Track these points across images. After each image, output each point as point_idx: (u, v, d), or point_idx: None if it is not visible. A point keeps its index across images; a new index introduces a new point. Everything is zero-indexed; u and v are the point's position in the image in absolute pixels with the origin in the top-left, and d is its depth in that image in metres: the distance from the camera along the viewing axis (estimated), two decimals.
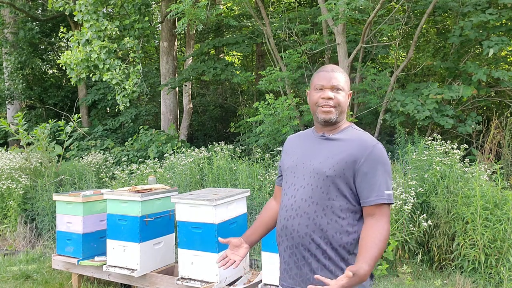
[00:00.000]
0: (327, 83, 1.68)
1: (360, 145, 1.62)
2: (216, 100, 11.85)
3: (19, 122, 6.28)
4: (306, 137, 1.81)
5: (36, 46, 12.25)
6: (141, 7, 7.27)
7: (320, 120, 1.70)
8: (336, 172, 1.60)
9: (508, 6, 5.90)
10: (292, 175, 1.72)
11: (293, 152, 1.79)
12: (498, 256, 3.61)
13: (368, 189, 1.57)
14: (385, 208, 1.57)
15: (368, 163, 1.58)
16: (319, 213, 1.61)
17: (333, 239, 1.59)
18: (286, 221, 1.67)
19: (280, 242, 1.71)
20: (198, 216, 3.23)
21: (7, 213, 5.93)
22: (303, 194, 1.65)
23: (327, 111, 1.67)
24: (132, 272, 3.53)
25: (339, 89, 1.68)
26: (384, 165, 1.60)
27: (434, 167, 4.23)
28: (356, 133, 1.69)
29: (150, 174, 5.48)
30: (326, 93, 1.67)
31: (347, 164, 1.60)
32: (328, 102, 1.67)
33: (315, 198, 1.62)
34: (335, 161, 1.62)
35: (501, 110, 6.71)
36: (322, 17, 6.13)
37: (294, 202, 1.66)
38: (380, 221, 1.55)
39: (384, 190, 1.57)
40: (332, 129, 1.72)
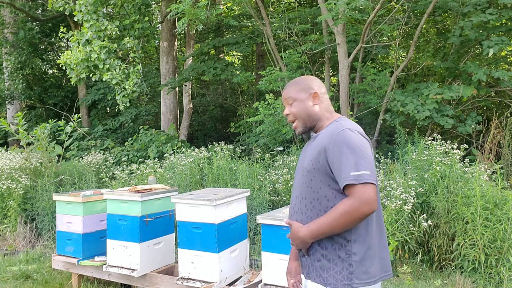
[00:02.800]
0: (283, 101, 1.85)
1: (328, 135, 1.70)
2: (216, 100, 11.85)
3: (19, 122, 6.28)
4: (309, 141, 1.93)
5: (36, 46, 12.25)
6: (141, 7, 7.27)
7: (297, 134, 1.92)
8: (314, 165, 1.69)
9: (508, 6, 5.90)
10: (295, 177, 1.88)
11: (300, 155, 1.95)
12: (498, 256, 3.61)
13: (337, 174, 1.62)
14: (357, 187, 1.56)
15: (334, 149, 1.63)
16: (309, 207, 1.71)
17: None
18: (290, 216, 1.84)
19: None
20: (198, 216, 3.23)
21: (7, 213, 5.93)
22: (296, 192, 1.80)
23: (293, 127, 1.84)
24: (132, 272, 3.53)
25: (291, 102, 1.82)
26: (350, 147, 1.61)
27: (434, 167, 4.23)
28: (332, 127, 1.74)
29: (150, 174, 5.48)
30: (284, 111, 1.86)
31: (320, 155, 1.68)
32: (288, 118, 1.85)
33: (304, 194, 1.73)
34: (312, 155, 1.72)
35: (501, 110, 6.71)
36: (322, 17, 6.13)
37: (292, 201, 1.82)
38: (346, 200, 1.59)
39: (350, 171, 1.57)
40: (316, 130, 1.84)
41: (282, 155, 5.82)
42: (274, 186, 4.83)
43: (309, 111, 1.80)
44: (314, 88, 1.82)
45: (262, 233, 3.09)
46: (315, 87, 1.82)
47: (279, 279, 2.95)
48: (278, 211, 3.20)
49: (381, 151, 6.33)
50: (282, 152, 6.18)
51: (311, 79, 1.86)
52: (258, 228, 4.57)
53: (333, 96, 7.36)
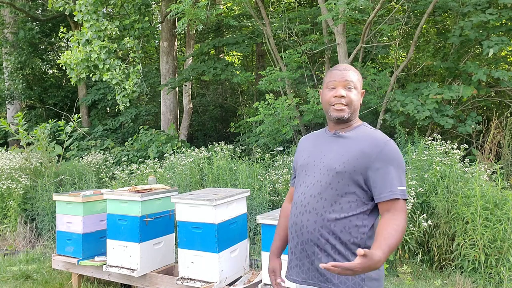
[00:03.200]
0: (340, 81, 1.69)
1: (371, 142, 1.63)
2: (216, 100, 11.85)
3: (19, 122, 6.28)
4: (319, 136, 1.84)
5: (36, 46, 12.24)
6: (141, 7, 7.27)
7: (333, 118, 1.71)
8: (346, 168, 1.62)
9: (508, 6, 5.90)
10: (304, 173, 1.76)
11: (305, 150, 1.82)
12: (498, 256, 3.61)
13: (381, 185, 1.58)
14: (400, 203, 1.57)
15: (380, 159, 1.59)
16: (327, 209, 1.62)
17: (342, 234, 1.61)
18: (296, 217, 1.71)
19: (291, 238, 1.75)
20: (198, 216, 3.23)
21: (7, 213, 5.93)
22: (312, 190, 1.67)
23: (340, 109, 1.68)
24: (132, 272, 3.53)
25: (351, 87, 1.69)
26: (397, 161, 1.61)
27: (434, 167, 4.22)
28: (368, 131, 1.71)
29: (150, 174, 5.48)
30: (338, 91, 1.68)
31: (358, 161, 1.61)
32: (341, 100, 1.68)
33: (324, 194, 1.64)
34: (346, 157, 1.63)
35: (501, 110, 6.70)
36: (322, 17, 6.13)
37: (304, 199, 1.69)
38: (396, 215, 1.55)
39: (397, 185, 1.57)
40: (344, 127, 1.74)
41: (282, 155, 5.82)
42: (274, 186, 4.83)
43: (358, 105, 1.74)
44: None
45: (262, 233, 3.09)
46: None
47: None
48: (278, 211, 3.20)
49: None
50: (282, 152, 6.18)
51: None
52: (258, 228, 4.57)
53: None
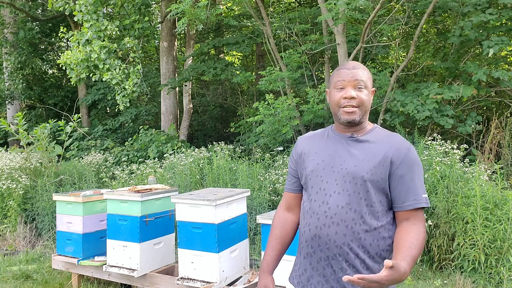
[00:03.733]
0: (349, 80, 1.56)
1: (395, 147, 1.53)
2: (216, 100, 11.85)
3: (19, 122, 6.28)
4: (327, 137, 1.67)
5: (36, 46, 12.25)
6: (141, 7, 7.27)
7: (343, 121, 1.58)
8: (374, 176, 1.51)
9: (508, 6, 5.90)
10: (319, 179, 1.58)
11: (315, 153, 1.64)
12: (498, 256, 3.61)
13: (405, 193, 1.50)
14: (421, 211, 1.51)
15: (404, 165, 1.51)
16: (357, 221, 1.50)
17: (371, 247, 1.50)
18: (319, 230, 1.54)
19: (311, 253, 1.57)
20: (198, 216, 3.23)
21: (7, 213, 5.93)
22: (338, 200, 1.52)
23: (351, 111, 1.55)
24: (132, 272, 3.53)
25: (362, 87, 1.56)
26: (419, 167, 1.54)
27: (434, 167, 4.23)
28: (386, 134, 1.60)
29: (150, 174, 5.48)
30: (348, 92, 1.55)
31: (384, 167, 1.51)
32: (351, 102, 1.55)
33: (353, 205, 1.50)
34: (372, 164, 1.52)
35: (501, 110, 6.71)
36: (322, 17, 6.13)
37: (328, 209, 1.53)
38: (416, 225, 1.48)
39: (422, 193, 1.50)
40: (357, 130, 1.61)
41: (282, 155, 5.82)
42: (274, 186, 4.83)
43: (369, 106, 1.60)
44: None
45: (262, 233, 3.09)
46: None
47: (279, 279, 2.95)
48: None
49: None
50: (282, 152, 6.18)
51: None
52: (258, 228, 4.57)
53: None
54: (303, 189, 1.69)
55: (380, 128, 1.65)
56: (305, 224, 1.60)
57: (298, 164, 1.71)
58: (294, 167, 1.74)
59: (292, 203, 1.77)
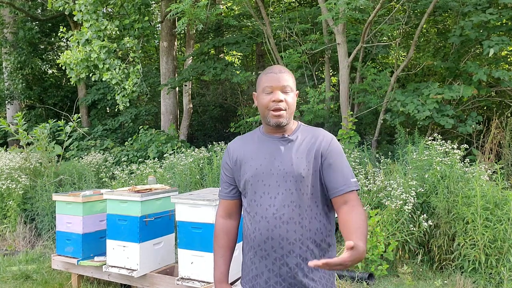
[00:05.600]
0: (277, 84, 1.64)
1: (320, 139, 1.66)
2: (216, 100, 11.85)
3: (19, 122, 6.27)
4: (258, 141, 1.73)
5: (36, 46, 12.24)
6: (141, 7, 7.27)
7: (272, 124, 1.66)
8: (310, 170, 1.61)
9: (508, 6, 5.89)
10: (261, 184, 1.64)
11: (252, 159, 1.70)
12: (499, 256, 3.61)
13: (336, 180, 1.60)
14: (355, 194, 1.61)
15: (331, 155, 1.63)
16: (303, 215, 1.60)
17: (317, 236, 1.61)
18: (270, 232, 1.59)
19: (265, 256, 1.62)
20: (198, 216, 3.23)
21: (7, 213, 5.93)
22: (283, 200, 1.60)
23: (278, 115, 1.63)
24: (132, 272, 3.53)
25: (288, 91, 1.65)
26: (343, 154, 1.68)
27: (435, 167, 4.22)
28: (310, 130, 1.73)
29: (150, 174, 5.47)
30: (276, 95, 1.63)
31: (316, 160, 1.63)
32: (279, 105, 1.63)
33: (298, 201, 1.60)
34: (306, 160, 1.62)
35: (502, 110, 6.70)
36: (322, 17, 6.13)
37: (276, 211, 1.59)
38: (355, 206, 1.58)
39: (351, 178, 1.62)
40: (286, 129, 1.70)
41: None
42: None
43: (294, 109, 1.71)
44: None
45: None
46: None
47: None
48: None
49: (381, 151, 6.32)
50: None
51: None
52: None
53: (333, 96, 7.35)
54: (242, 195, 1.74)
55: (304, 125, 1.77)
56: (254, 229, 1.65)
57: (234, 171, 1.75)
58: (230, 174, 1.77)
59: (231, 210, 1.82)
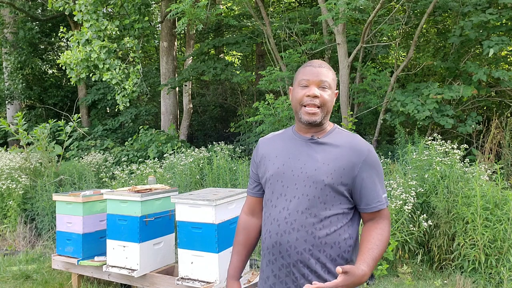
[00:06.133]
0: (314, 79, 1.53)
1: (355, 150, 1.53)
2: (216, 100, 11.85)
3: (19, 122, 6.27)
4: (288, 139, 1.64)
5: (36, 46, 12.25)
6: (141, 7, 7.27)
7: (304, 121, 1.55)
8: (335, 179, 1.49)
9: (508, 6, 5.90)
10: (280, 184, 1.55)
11: (276, 157, 1.61)
12: (499, 256, 3.61)
13: (367, 196, 1.51)
14: (385, 210, 1.54)
15: (365, 168, 1.51)
16: (317, 225, 1.47)
17: (332, 250, 1.49)
18: (279, 236, 1.50)
19: (273, 260, 1.53)
20: (198, 216, 3.23)
21: (7, 213, 5.93)
22: (298, 205, 1.50)
23: (312, 112, 1.52)
24: (132, 272, 3.53)
25: (326, 87, 1.54)
26: (379, 168, 1.55)
27: (434, 167, 4.22)
28: (346, 136, 1.58)
29: (150, 174, 5.47)
30: (311, 90, 1.52)
31: (344, 171, 1.50)
32: (314, 100, 1.52)
33: (313, 209, 1.48)
34: (332, 168, 1.50)
35: (501, 110, 6.71)
36: (322, 17, 6.13)
37: (288, 215, 1.50)
38: (380, 223, 1.52)
39: (382, 194, 1.53)
40: (317, 130, 1.58)
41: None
42: None
43: (331, 108, 1.57)
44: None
45: None
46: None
47: None
48: None
49: (381, 151, 6.33)
50: None
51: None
52: None
53: None
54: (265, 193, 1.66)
55: (340, 128, 1.64)
56: (265, 231, 1.57)
57: (259, 168, 1.67)
58: (255, 171, 1.71)
59: (255, 207, 1.75)
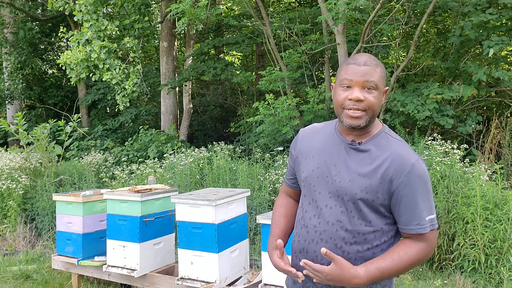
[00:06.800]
0: (358, 79, 1.35)
1: (397, 163, 1.35)
2: (216, 100, 11.85)
3: (19, 122, 6.27)
4: (328, 138, 1.49)
5: (36, 46, 12.25)
6: (141, 7, 7.27)
7: (346, 125, 1.39)
8: (369, 195, 1.35)
9: (508, 6, 5.90)
10: (313, 188, 1.44)
11: (312, 157, 1.48)
12: (498, 256, 3.61)
13: (406, 216, 1.35)
14: (430, 233, 1.36)
15: (407, 184, 1.33)
16: (349, 240, 1.35)
17: None
18: (307, 244, 1.42)
19: (298, 265, 1.44)
20: (198, 216, 3.23)
21: (7, 213, 5.93)
22: (329, 216, 1.38)
23: (356, 116, 1.35)
24: (132, 272, 3.53)
25: (372, 88, 1.35)
26: (425, 184, 1.35)
27: (434, 167, 4.22)
28: (391, 144, 1.40)
29: (150, 174, 5.47)
30: (354, 94, 1.35)
31: (381, 185, 1.34)
32: (357, 105, 1.35)
33: (345, 223, 1.36)
34: (369, 181, 1.35)
35: (501, 110, 6.70)
36: (322, 17, 6.13)
37: (318, 224, 1.40)
38: (415, 243, 1.35)
39: (426, 216, 1.34)
40: (361, 133, 1.42)
41: (282, 155, 5.81)
42: (274, 186, 4.83)
43: (378, 110, 1.39)
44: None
45: (262, 233, 3.09)
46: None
47: (279, 279, 2.94)
48: None
49: None
50: (282, 152, 6.18)
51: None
52: (258, 228, 4.57)
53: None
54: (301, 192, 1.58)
55: (387, 132, 1.45)
56: (295, 234, 1.50)
57: (295, 163, 1.57)
58: (292, 164, 1.60)
59: (292, 195, 1.68)
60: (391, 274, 1.32)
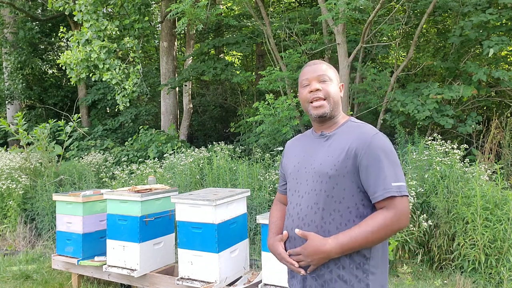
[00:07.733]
0: (312, 75, 1.59)
1: (358, 137, 1.49)
2: (216, 100, 11.85)
3: (19, 122, 6.27)
4: (305, 138, 1.71)
5: (36, 46, 12.25)
6: (141, 7, 7.27)
7: (314, 117, 1.59)
8: (339, 171, 1.47)
9: (508, 6, 5.90)
10: (295, 182, 1.61)
11: (294, 156, 1.68)
12: (498, 256, 3.61)
13: (373, 184, 1.44)
14: (397, 200, 1.42)
15: (369, 155, 1.45)
16: (327, 219, 1.47)
17: None
18: (293, 232, 1.55)
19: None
20: (198, 216, 3.23)
21: (7, 213, 5.93)
22: (308, 200, 1.52)
23: (319, 105, 1.56)
24: (132, 272, 3.53)
25: (326, 80, 1.58)
26: (388, 154, 1.46)
27: (434, 167, 4.22)
28: (354, 126, 1.57)
29: (150, 174, 5.47)
30: (313, 85, 1.58)
31: (348, 160, 1.47)
32: (317, 94, 1.56)
33: (321, 204, 1.48)
34: (336, 159, 1.49)
35: (501, 110, 6.70)
36: (322, 17, 6.13)
37: (300, 211, 1.53)
38: (385, 212, 1.42)
39: (391, 182, 1.42)
40: (329, 125, 1.61)
41: (282, 155, 5.82)
42: (274, 186, 4.83)
43: (339, 98, 1.61)
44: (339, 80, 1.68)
45: (262, 233, 3.08)
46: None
47: (279, 279, 2.95)
48: None
49: None
50: (282, 152, 6.18)
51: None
52: (258, 228, 4.57)
53: None
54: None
55: (353, 121, 1.62)
56: (285, 226, 1.64)
57: (284, 169, 1.75)
58: (283, 170, 1.79)
59: (285, 202, 1.81)
60: (361, 241, 1.40)
